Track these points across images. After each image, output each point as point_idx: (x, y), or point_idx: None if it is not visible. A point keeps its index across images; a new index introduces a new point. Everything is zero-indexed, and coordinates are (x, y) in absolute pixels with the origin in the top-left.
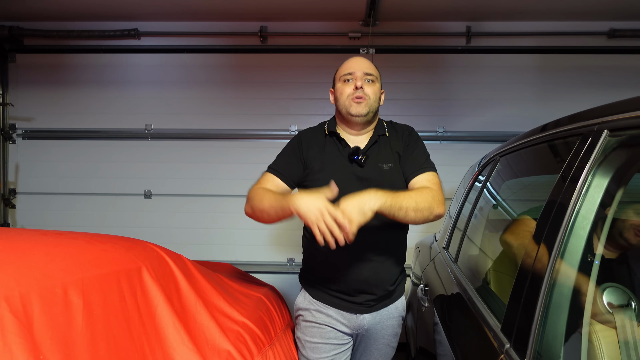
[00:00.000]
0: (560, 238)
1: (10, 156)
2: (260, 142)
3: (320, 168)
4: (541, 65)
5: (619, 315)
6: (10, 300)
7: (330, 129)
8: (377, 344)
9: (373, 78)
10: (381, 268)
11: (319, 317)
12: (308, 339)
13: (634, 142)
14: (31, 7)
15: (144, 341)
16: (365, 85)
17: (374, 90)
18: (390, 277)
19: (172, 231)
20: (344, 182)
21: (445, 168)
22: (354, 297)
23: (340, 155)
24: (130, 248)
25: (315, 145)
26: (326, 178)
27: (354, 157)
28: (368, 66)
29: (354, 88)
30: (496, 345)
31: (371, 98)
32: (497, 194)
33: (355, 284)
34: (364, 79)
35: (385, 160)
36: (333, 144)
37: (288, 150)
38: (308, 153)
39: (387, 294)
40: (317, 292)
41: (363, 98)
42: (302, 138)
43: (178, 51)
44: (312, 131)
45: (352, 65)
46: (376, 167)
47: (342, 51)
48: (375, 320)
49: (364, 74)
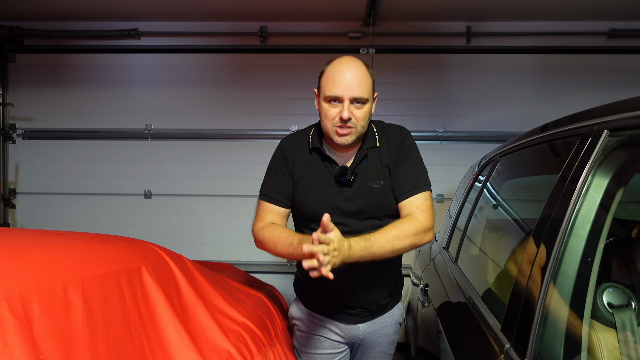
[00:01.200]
0: (560, 238)
1: (10, 156)
2: (261, 142)
3: (306, 188)
4: (541, 65)
5: (619, 315)
6: (10, 300)
7: (315, 144)
8: (373, 352)
9: (363, 100)
10: (375, 286)
11: (313, 327)
12: (303, 349)
13: (634, 142)
14: (31, 7)
15: (144, 341)
16: (354, 110)
17: (363, 115)
18: (383, 294)
19: (172, 231)
20: (331, 203)
21: (445, 168)
22: (347, 310)
23: (326, 173)
24: (130, 248)
25: (301, 159)
26: (313, 199)
27: (342, 179)
28: (359, 86)
29: (339, 117)
30: (496, 345)
31: (359, 124)
32: (497, 194)
33: (348, 301)
34: (352, 105)
35: (374, 177)
36: (318, 160)
37: (276, 168)
38: (294, 167)
39: (380, 307)
40: (311, 302)
41: (349, 128)
42: (286, 151)
43: (178, 51)
44: (294, 142)
45: (340, 85)
46: (365, 185)
47: (342, 51)
48: (370, 330)
49: (352, 99)
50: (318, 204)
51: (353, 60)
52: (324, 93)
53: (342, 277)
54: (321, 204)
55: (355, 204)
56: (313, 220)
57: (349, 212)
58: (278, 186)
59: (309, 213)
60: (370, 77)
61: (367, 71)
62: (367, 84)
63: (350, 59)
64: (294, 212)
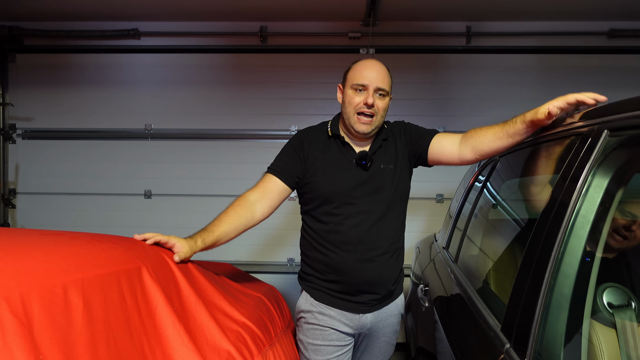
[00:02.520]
0: (560, 238)
1: (10, 156)
2: (261, 142)
3: (324, 169)
4: (541, 65)
5: (619, 315)
6: (10, 300)
7: (334, 131)
8: (378, 342)
9: (384, 92)
10: (384, 268)
11: (322, 319)
12: (310, 341)
13: (634, 142)
14: (31, 7)
15: (144, 341)
16: (377, 99)
17: (384, 105)
18: (393, 276)
19: (172, 231)
20: (349, 183)
21: (445, 168)
22: (357, 297)
23: (344, 159)
24: (130, 248)
25: (317, 145)
26: (330, 180)
27: (362, 162)
28: (383, 79)
29: (364, 102)
30: (496, 345)
31: (379, 114)
32: (497, 194)
33: (359, 285)
34: (376, 94)
35: (387, 161)
36: (336, 146)
37: (287, 150)
38: (310, 153)
39: (389, 293)
40: (319, 293)
41: (371, 116)
42: (303, 138)
43: (178, 51)
44: (313, 131)
45: (367, 76)
46: (379, 168)
47: (342, 51)
48: (377, 319)
49: (377, 89)
50: (335, 185)
51: (378, 61)
52: (350, 82)
53: (352, 262)
54: (338, 185)
55: (371, 185)
56: (327, 202)
57: (363, 193)
58: (285, 163)
59: (325, 194)
60: (390, 77)
61: (389, 72)
62: (389, 80)
63: (376, 60)
64: (307, 197)
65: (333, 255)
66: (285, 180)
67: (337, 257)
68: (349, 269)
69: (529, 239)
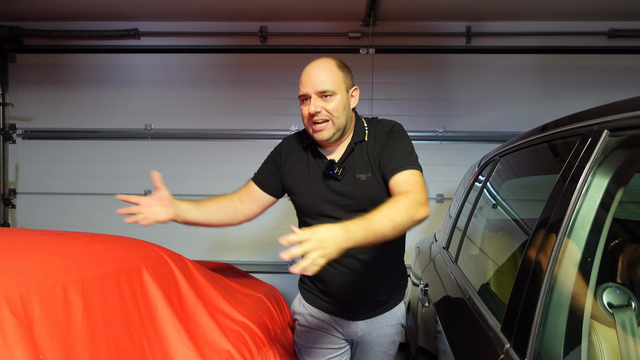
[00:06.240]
0: (560, 238)
1: (10, 156)
2: (260, 142)
3: (301, 180)
4: (541, 65)
5: (619, 315)
6: (10, 300)
7: (307, 141)
8: (373, 351)
9: (330, 92)
10: (373, 282)
11: (313, 321)
12: (303, 343)
13: (634, 142)
14: (31, 7)
15: (144, 341)
16: (325, 103)
17: (335, 106)
18: (383, 290)
19: (172, 231)
20: (318, 197)
21: (445, 168)
22: (344, 305)
23: (317, 168)
24: (130, 248)
25: (296, 154)
26: (302, 194)
27: (329, 172)
28: (323, 81)
29: (309, 113)
30: (496, 346)
31: (334, 115)
32: (497, 194)
33: (344, 296)
34: (320, 98)
35: (362, 169)
36: (311, 156)
37: (268, 159)
38: (285, 163)
39: (378, 303)
40: (311, 296)
41: (324, 122)
42: (282, 147)
43: (178, 51)
44: (294, 140)
45: (305, 83)
46: (353, 178)
47: (342, 51)
48: (370, 328)
49: (319, 93)
50: (310, 197)
51: (320, 59)
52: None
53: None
54: (313, 197)
55: (345, 197)
56: (306, 214)
57: (339, 205)
58: (264, 172)
59: (303, 206)
60: (340, 71)
61: (336, 66)
62: (335, 77)
63: (318, 59)
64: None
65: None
66: (265, 190)
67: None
68: (331, 281)
69: (529, 239)
